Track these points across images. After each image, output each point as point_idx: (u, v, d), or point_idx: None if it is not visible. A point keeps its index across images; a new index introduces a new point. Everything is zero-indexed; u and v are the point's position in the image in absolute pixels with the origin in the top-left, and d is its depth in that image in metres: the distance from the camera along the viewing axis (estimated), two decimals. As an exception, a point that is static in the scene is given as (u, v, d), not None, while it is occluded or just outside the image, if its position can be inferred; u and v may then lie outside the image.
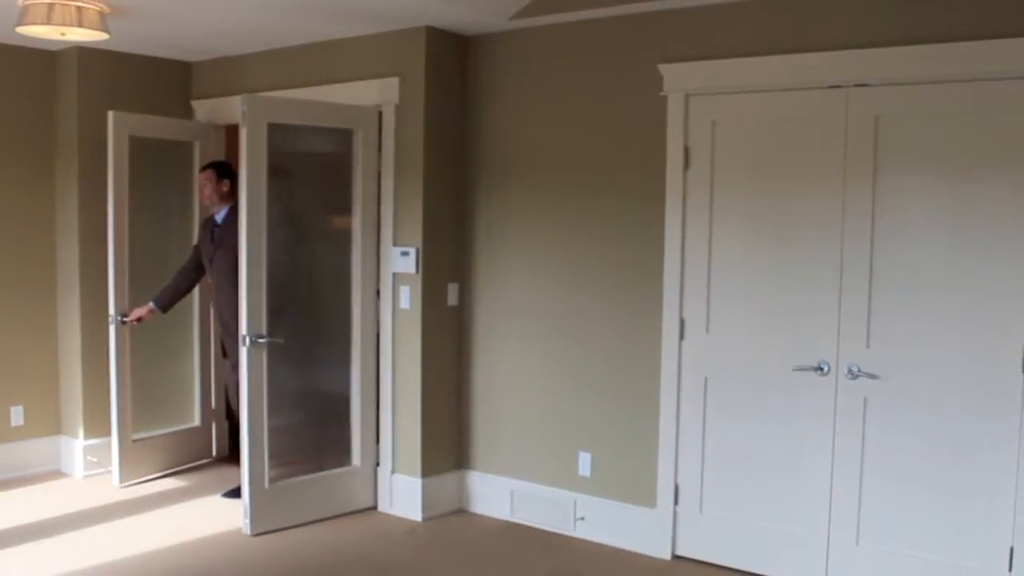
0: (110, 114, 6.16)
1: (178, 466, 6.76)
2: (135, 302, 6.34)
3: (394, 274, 5.85)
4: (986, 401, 4.33)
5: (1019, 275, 4.22)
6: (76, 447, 6.60)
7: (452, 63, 5.82)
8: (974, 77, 4.28)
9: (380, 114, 5.86)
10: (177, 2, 5.21)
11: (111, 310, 6.27)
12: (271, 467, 5.60)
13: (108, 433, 6.56)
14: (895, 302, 4.54)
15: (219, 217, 6.16)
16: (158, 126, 6.54)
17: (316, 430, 6.24)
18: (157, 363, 6.65)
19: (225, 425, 7.15)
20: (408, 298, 5.80)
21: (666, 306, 5.19)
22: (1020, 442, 4.24)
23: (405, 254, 5.76)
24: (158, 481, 6.46)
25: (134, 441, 6.44)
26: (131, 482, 6.39)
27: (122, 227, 6.28)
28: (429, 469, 5.86)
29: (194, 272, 6.38)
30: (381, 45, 5.83)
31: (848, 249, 4.63)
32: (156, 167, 6.45)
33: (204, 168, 6.30)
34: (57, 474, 6.67)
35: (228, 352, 6.29)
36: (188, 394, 6.96)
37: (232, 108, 6.32)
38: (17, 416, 6.59)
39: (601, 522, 5.49)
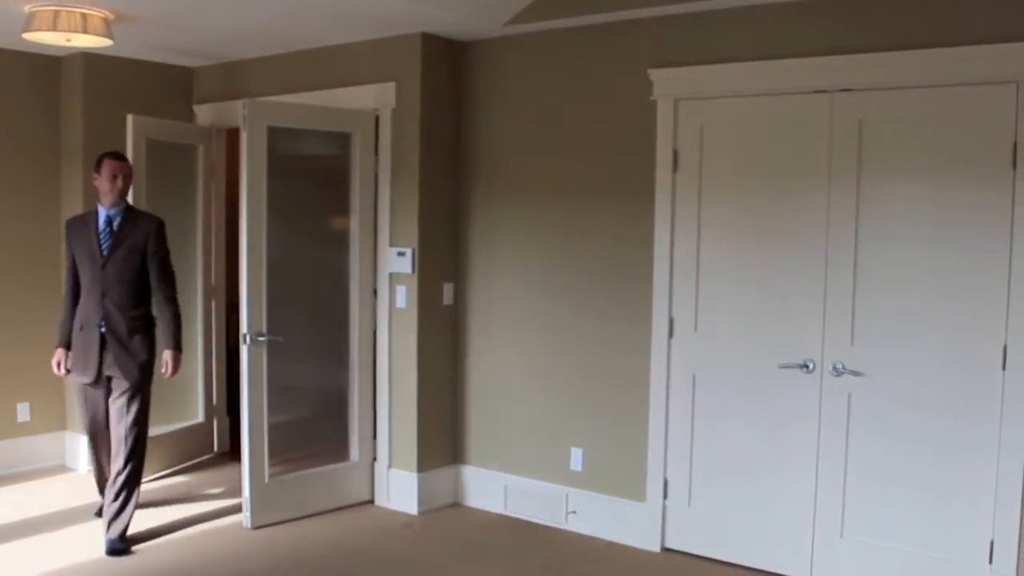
0: (129, 117, 6.10)
1: (184, 462, 6.73)
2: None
3: (391, 274, 5.83)
4: (968, 397, 4.32)
5: (1000, 275, 4.21)
6: (81, 442, 6.56)
7: (447, 68, 5.80)
8: (956, 82, 4.27)
9: (377, 118, 5.84)
10: (180, 9, 5.20)
11: None
12: (271, 462, 5.58)
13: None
14: (879, 301, 4.53)
15: (113, 214, 5.21)
16: (168, 129, 6.50)
17: (315, 426, 6.22)
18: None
19: (227, 422, 7.14)
20: (404, 297, 5.78)
21: (655, 305, 5.18)
22: (1000, 437, 4.23)
23: (401, 254, 5.75)
24: (163, 476, 6.43)
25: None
26: (145, 479, 6.34)
27: None
28: (425, 464, 5.85)
29: (78, 292, 5.29)
30: (378, 51, 5.81)
31: (833, 249, 4.62)
32: (159, 170, 6.41)
33: (118, 157, 5.32)
34: (62, 469, 6.65)
35: (114, 373, 5.18)
36: (191, 391, 6.93)
37: (233, 112, 6.31)
38: (23, 412, 6.57)
39: (592, 516, 5.47)
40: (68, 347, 5.28)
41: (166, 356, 5.34)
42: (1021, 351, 4.18)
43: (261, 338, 5.46)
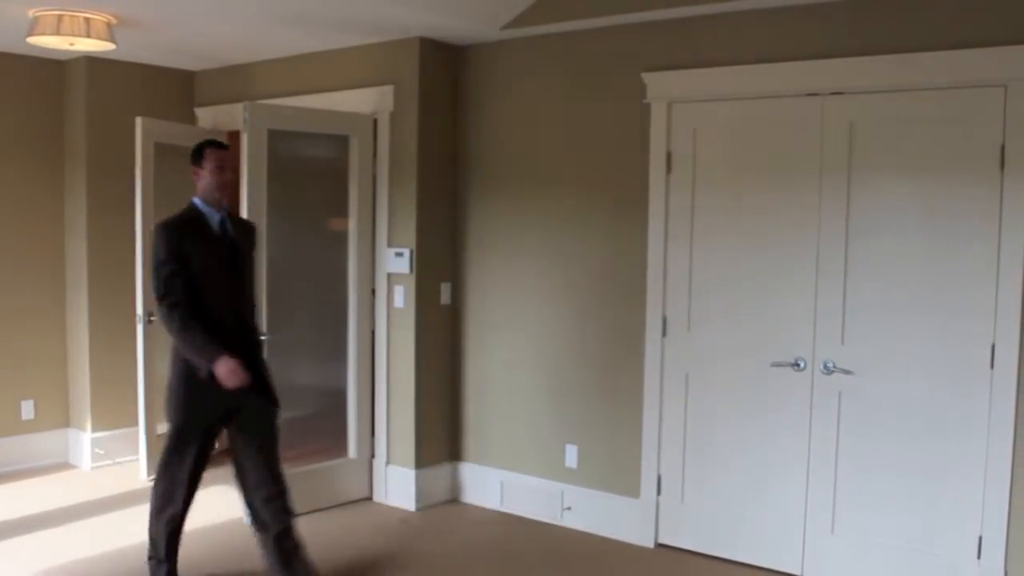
0: (138, 120, 6.07)
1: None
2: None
3: (389, 274, 5.81)
4: (956, 396, 4.30)
5: (988, 276, 4.19)
6: (84, 440, 6.54)
7: (444, 72, 5.78)
8: (945, 85, 4.25)
9: (375, 121, 5.82)
10: (181, 14, 5.17)
11: (139, 310, 6.17)
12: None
13: (115, 426, 6.56)
14: (869, 301, 4.51)
15: (223, 214, 4.41)
16: (173, 132, 6.46)
17: (314, 423, 6.19)
18: (166, 360, 6.53)
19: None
20: (402, 297, 5.76)
21: (649, 304, 5.15)
22: (989, 436, 4.21)
23: (399, 255, 5.72)
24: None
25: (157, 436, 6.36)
26: (149, 477, 6.30)
27: (148, 229, 6.09)
28: (422, 461, 5.82)
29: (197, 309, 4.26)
30: (377, 55, 5.78)
31: (824, 249, 4.60)
32: (161, 172, 6.37)
33: (223, 146, 4.46)
34: (65, 466, 6.61)
35: (256, 399, 4.43)
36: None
37: (233, 115, 6.28)
38: (27, 410, 6.53)
39: (587, 512, 5.45)
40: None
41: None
42: (1009, 351, 4.16)
43: (261, 337, 5.43)
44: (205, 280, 4.24)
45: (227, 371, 4.17)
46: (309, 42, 5.85)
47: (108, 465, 6.51)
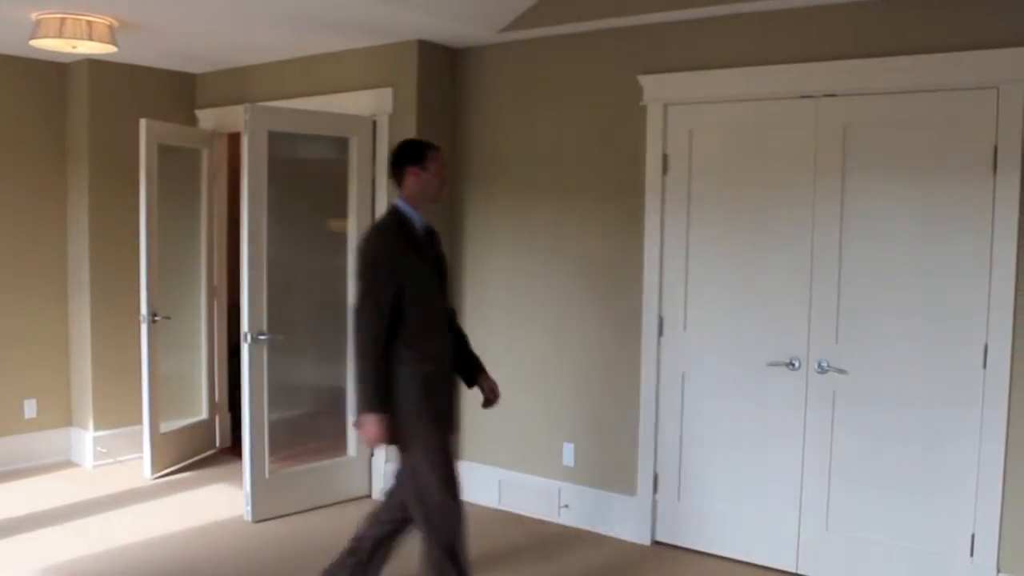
0: (142, 122, 6.07)
1: (188, 457, 6.69)
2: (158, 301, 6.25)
3: (388, 274, 5.80)
4: (949, 395, 4.30)
5: (981, 276, 4.19)
6: (86, 438, 6.54)
7: (443, 74, 5.78)
8: (938, 87, 4.25)
9: (375, 123, 5.82)
10: (182, 17, 5.17)
11: (143, 310, 6.15)
12: (271, 458, 5.56)
13: (117, 425, 6.56)
14: (863, 301, 4.51)
15: (426, 222, 4.00)
16: (176, 134, 6.47)
17: (314, 422, 6.19)
18: (168, 359, 6.54)
19: (229, 418, 7.10)
20: (401, 297, 5.75)
21: (645, 304, 5.16)
22: (981, 434, 4.21)
23: (399, 255, 5.71)
24: (168, 473, 6.39)
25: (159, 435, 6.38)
26: (159, 473, 6.31)
27: (153, 229, 6.15)
28: (421, 459, 5.81)
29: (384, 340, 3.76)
30: (376, 58, 5.78)
31: (818, 250, 4.61)
32: (163, 172, 6.36)
33: (437, 146, 4.07)
34: (68, 464, 6.60)
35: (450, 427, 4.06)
36: (195, 388, 6.91)
37: (233, 117, 6.28)
38: (30, 409, 6.52)
39: (584, 509, 5.45)
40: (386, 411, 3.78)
41: (495, 385, 4.38)
42: (1001, 350, 4.16)
43: (262, 337, 5.44)
44: (418, 297, 3.78)
45: (370, 426, 3.76)
46: (309, 45, 5.85)
47: (110, 464, 6.50)
